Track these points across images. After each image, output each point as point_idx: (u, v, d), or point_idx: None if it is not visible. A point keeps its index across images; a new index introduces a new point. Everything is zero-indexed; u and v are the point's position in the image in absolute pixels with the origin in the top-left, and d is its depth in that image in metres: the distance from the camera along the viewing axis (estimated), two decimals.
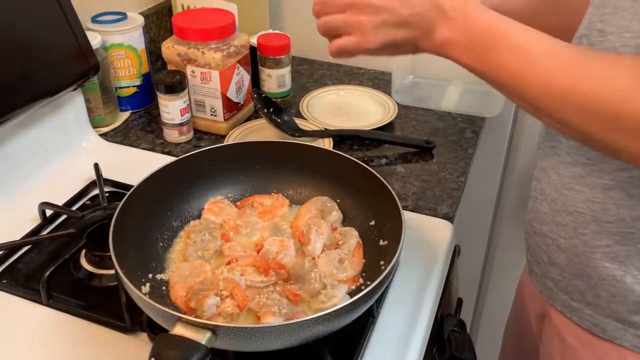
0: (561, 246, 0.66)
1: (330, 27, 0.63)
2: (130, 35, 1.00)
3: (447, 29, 0.58)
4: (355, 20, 0.60)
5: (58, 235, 0.75)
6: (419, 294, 0.71)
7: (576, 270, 0.65)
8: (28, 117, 0.83)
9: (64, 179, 0.87)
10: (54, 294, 0.67)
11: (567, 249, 0.65)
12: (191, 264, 0.67)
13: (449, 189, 0.89)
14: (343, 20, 0.61)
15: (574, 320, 0.68)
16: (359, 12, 0.60)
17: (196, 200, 0.76)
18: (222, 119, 0.99)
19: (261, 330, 0.52)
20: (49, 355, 0.62)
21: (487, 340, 1.55)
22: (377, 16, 0.59)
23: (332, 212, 0.74)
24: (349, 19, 0.61)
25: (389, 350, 0.63)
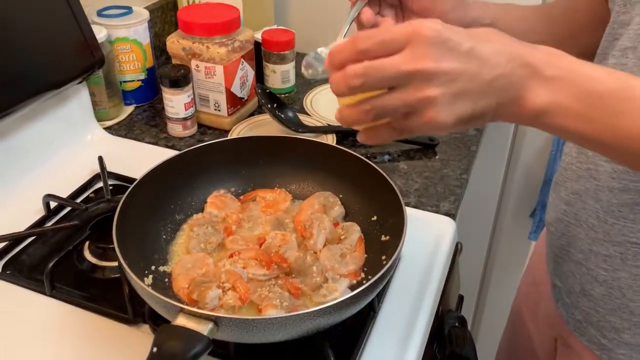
0: (599, 278, 0.62)
1: (384, 111, 0.45)
2: (135, 29, 1.00)
3: (545, 92, 0.44)
4: (422, 96, 0.44)
5: (62, 227, 0.76)
6: (420, 289, 0.71)
7: (615, 306, 0.61)
8: (33, 109, 0.84)
9: (68, 171, 0.88)
10: (58, 284, 0.68)
11: (607, 282, 0.61)
12: (194, 256, 0.67)
13: (451, 186, 0.89)
14: (401, 99, 0.44)
15: (603, 358, 0.65)
16: (424, 83, 0.43)
17: (199, 194, 0.77)
18: (226, 114, 0.99)
19: (263, 322, 0.52)
20: (52, 345, 0.63)
21: (488, 338, 1.55)
22: (451, 86, 0.43)
23: (334, 207, 0.75)
24: (411, 97, 0.44)
25: (390, 345, 0.64)
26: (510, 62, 0.44)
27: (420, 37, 0.43)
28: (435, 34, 0.43)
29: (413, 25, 0.43)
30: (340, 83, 0.45)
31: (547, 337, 0.79)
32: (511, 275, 1.50)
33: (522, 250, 1.45)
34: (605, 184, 0.59)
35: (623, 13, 0.59)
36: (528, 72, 0.44)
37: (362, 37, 0.44)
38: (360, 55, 0.44)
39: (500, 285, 1.53)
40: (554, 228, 0.70)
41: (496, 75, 0.44)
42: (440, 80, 0.43)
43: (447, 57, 0.43)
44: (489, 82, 0.44)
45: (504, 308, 1.51)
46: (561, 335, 0.74)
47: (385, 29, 0.44)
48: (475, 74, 0.44)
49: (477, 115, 0.45)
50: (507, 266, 1.49)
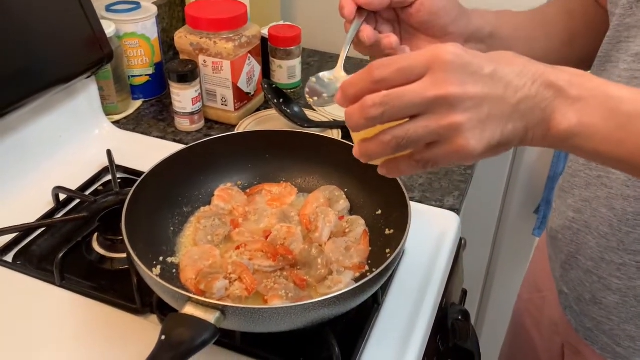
0: (612, 286, 0.61)
1: (407, 142, 0.42)
2: (143, 24, 1.01)
3: (573, 113, 0.42)
4: (448, 123, 0.41)
5: (71, 219, 0.77)
6: (423, 283, 0.72)
7: (631, 314, 0.60)
8: (42, 103, 0.85)
9: (77, 164, 0.89)
10: (67, 275, 0.69)
11: (622, 290, 0.60)
12: (201, 248, 0.68)
13: (456, 181, 0.89)
14: (426, 127, 0.42)
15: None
16: (449, 109, 0.41)
17: (206, 187, 0.77)
18: (232, 109, 1.00)
19: (269, 312, 0.53)
20: (62, 334, 0.64)
21: (491, 332, 1.56)
22: (478, 111, 0.41)
23: (339, 200, 0.75)
24: (436, 124, 0.41)
25: (393, 337, 0.65)
26: (534, 83, 0.42)
27: (441, 62, 0.41)
28: (456, 58, 0.41)
29: (432, 50, 0.41)
30: (357, 115, 0.42)
31: (553, 343, 0.78)
32: (515, 271, 1.50)
33: (526, 246, 1.45)
34: (618, 192, 0.58)
35: (629, 15, 0.58)
36: (553, 93, 0.43)
37: (378, 66, 0.42)
38: (377, 85, 0.42)
39: (504, 280, 1.54)
40: (561, 235, 0.69)
41: (522, 97, 0.42)
42: (466, 105, 0.41)
43: (471, 81, 0.41)
44: (515, 105, 0.42)
45: (508, 303, 1.51)
46: (569, 342, 0.73)
47: (402, 57, 0.42)
48: (500, 97, 0.42)
49: (506, 140, 0.43)
50: (511, 262, 1.50)
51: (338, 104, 0.45)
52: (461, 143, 0.42)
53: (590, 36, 0.67)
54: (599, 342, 0.66)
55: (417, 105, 0.41)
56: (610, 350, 0.64)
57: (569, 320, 0.71)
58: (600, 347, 0.66)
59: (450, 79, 0.41)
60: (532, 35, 0.68)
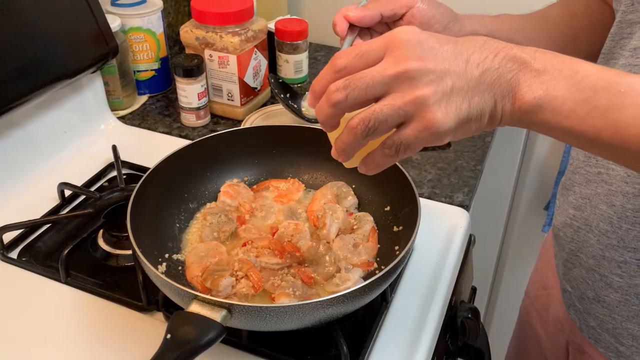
0: (613, 284, 0.61)
1: (375, 124, 0.42)
2: (149, 18, 1.00)
3: (539, 86, 0.42)
4: (412, 97, 0.41)
5: (76, 215, 0.76)
6: (432, 281, 0.71)
7: (633, 312, 0.60)
8: (48, 99, 0.84)
9: (83, 160, 0.88)
10: (72, 272, 0.69)
11: (623, 288, 0.60)
12: (207, 244, 0.67)
13: (465, 177, 0.88)
14: (391, 105, 0.41)
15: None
16: (412, 84, 0.40)
17: (213, 183, 0.77)
18: (239, 104, 0.99)
19: (276, 310, 0.52)
20: (67, 332, 0.63)
21: (500, 330, 1.55)
22: (440, 83, 0.41)
23: (347, 197, 0.74)
24: (401, 101, 0.41)
25: (402, 336, 0.64)
26: (496, 56, 0.42)
27: (398, 41, 0.41)
28: (412, 36, 0.41)
29: (388, 33, 0.42)
30: (324, 105, 0.42)
31: (558, 341, 0.78)
32: (524, 268, 1.49)
33: (535, 243, 1.44)
34: (618, 188, 0.58)
35: (631, 12, 0.58)
36: (518, 66, 0.42)
37: (339, 55, 0.43)
38: (340, 74, 0.42)
39: (514, 277, 1.52)
40: (562, 233, 0.68)
41: (484, 69, 0.42)
42: (428, 79, 0.41)
43: (430, 55, 0.41)
44: (479, 77, 0.42)
45: (517, 301, 1.50)
46: (574, 340, 0.73)
47: (361, 43, 0.43)
48: (462, 70, 0.42)
49: (475, 113, 0.43)
50: (520, 259, 1.49)
51: (309, 106, 0.45)
52: (429, 117, 0.41)
53: (595, 34, 0.67)
54: (603, 341, 0.65)
55: (379, 84, 0.41)
56: (613, 349, 0.64)
57: (573, 319, 0.70)
58: (604, 346, 0.65)
59: (408, 54, 0.41)
60: (532, 36, 0.68)
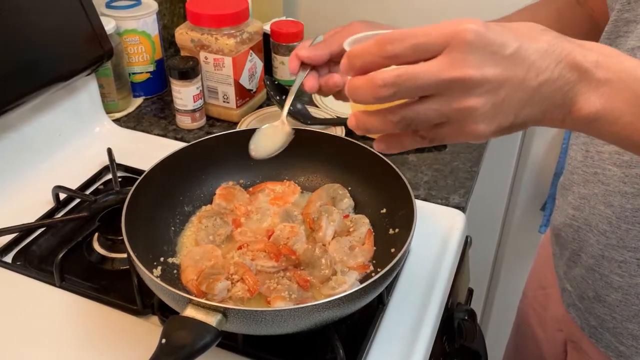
0: (614, 284, 0.61)
1: (416, 123, 0.41)
2: (144, 21, 1.00)
3: (597, 97, 0.40)
4: (462, 107, 0.39)
5: (71, 219, 0.76)
6: (429, 282, 0.71)
7: (633, 312, 0.60)
8: (42, 101, 0.84)
9: (78, 163, 0.88)
10: (67, 276, 0.68)
11: (623, 288, 0.60)
12: (202, 248, 0.67)
13: (461, 178, 0.88)
14: (437, 110, 0.40)
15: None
16: (465, 93, 0.39)
17: (208, 186, 0.76)
18: (234, 106, 0.99)
19: (272, 314, 0.52)
20: (61, 336, 0.63)
21: (497, 332, 1.55)
22: (494, 95, 0.39)
23: (343, 199, 0.74)
24: (449, 108, 0.39)
25: (399, 338, 0.63)
26: (558, 64, 0.39)
27: (461, 40, 0.38)
28: (477, 37, 0.38)
29: (451, 27, 0.38)
30: (364, 90, 0.40)
31: (556, 340, 0.78)
32: (521, 269, 1.49)
33: (532, 244, 1.44)
34: (616, 188, 0.58)
35: (627, 11, 0.57)
36: (578, 76, 0.40)
37: (390, 40, 0.39)
38: (389, 60, 0.39)
39: (510, 278, 1.52)
40: (564, 233, 0.68)
41: (543, 80, 0.39)
42: (482, 89, 0.38)
43: (490, 62, 0.38)
44: (536, 89, 0.40)
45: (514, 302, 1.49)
46: (572, 339, 0.73)
47: (418, 31, 0.39)
48: (521, 80, 0.39)
49: (519, 124, 0.41)
50: (517, 260, 1.49)
51: (342, 71, 0.42)
52: (471, 127, 0.40)
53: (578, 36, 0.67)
54: (603, 340, 0.65)
55: (432, 87, 0.39)
56: (613, 348, 0.64)
57: (573, 318, 0.70)
58: (605, 345, 0.65)
59: (468, 60, 0.38)
60: None
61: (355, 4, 1.27)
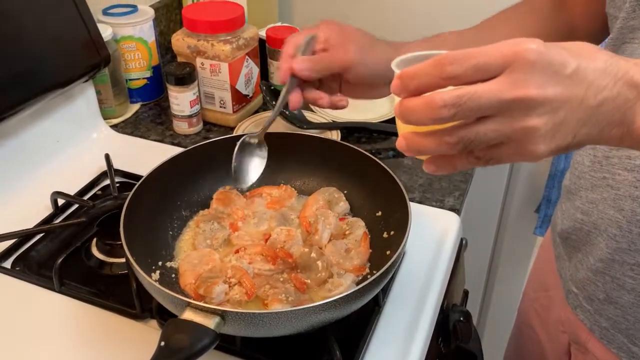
0: (626, 286, 0.61)
1: (474, 144, 0.40)
2: (140, 27, 1.01)
3: None
4: (522, 127, 0.39)
5: (70, 224, 0.77)
6: (425, 284, 0.71)
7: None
8: (40, 108, 0.85)
9: (76, 169, 0.88)
10: (66, 281, 0.69)
11: (636, 290, 0.60)
12: (200, 252, 0.68)
13: (456, 181, 0.89)
14: (497, 131, 0.39)
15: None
16: (525, 113, 0.38)
17: (205, 190, 0.77)
18: (231, 111, 0.99)
19: (269, 316, 0.52)
20: (61, 340, 0.63)
21: (493, 333, 1.56)
22: (555, 115, 0.39)
23: (339, 202, 0.75)
24: (509, 128, 0.39)
25: (395, 340, 0.64)
26: (617, 83, 0.40)
27: (523, 61, 0.38)
28: (539, 57, 0.38)
29: (512, 47, 0.38)
30: (420, 112, 0.39)
31: (559, 342, 0.78)
32: (516, 271, 1.50)
33: (527, 246, 1.45)
34: (626, 192, 0.58)
35: (632, 18, 0.58)
36: (636, 94, 0.40)
37: (451, 61, 0.38)
38: (448, 81, 0.39)
39: (506, 280, 1.53)
40: (574, 236, 0.68)
41: (603, 99, 0.39)
42: (544, 109, 0.38)
43: (552, 82, 0.38)
44: (595, 108, 0.39)
45: (509, 303, 1.50)
46: (577, 341, 0.73)
47: (478, 52, 0.38)
48: (581, 99, 0.39)
49: (576, 143, 0.41)
50: (512, 261, 1.50)
51: (393, 92, 0.41)
52: (531, 148, 0.40)
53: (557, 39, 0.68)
54: (616, 342, 0.65)
55: (493, 107, 0.38)
56: (626, 349, 0.64)
57: (581, 320, 0.70)
58: (617, 346, 0.65)
59: (530, 80, 0.38)
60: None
61: (350, 8, 1.28)
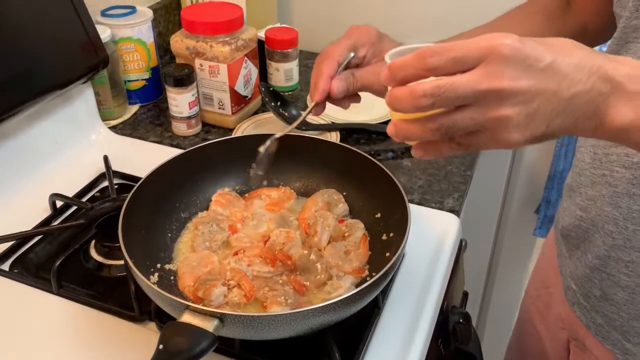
0: (621, 283, 0.62)
1: (452, 130, 0.44)
2: (139, 29, 1.01)
3: (628, 109, 0.42)
4: (496, 116, 0.42)
5: (68, 226, 0.76)
6: (424, 286, 0.71)
7: (639, 311, 0.61)
8: (38, 109, 0.84)
9: (74, 170, 0.88)
10: (64, 283, 0.69)
11: (630, 287, 0.61)
12: (199, 254, 0.67)
13: (455, 182, 0.89)
14: (473, 119, 0.42)
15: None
16: (499, 103, 0.41)
17: (204, 192, 0.77)
18: (229, 112, 0.99)
19: (268, 319, 0.52)
20: (59, 343, 0.63)
21: (493, 334, 1.56)
22: (527, 106, 0.42)
23: (338, 204, 0.75)
24: (484, 117, 0.42)
25: (394, 341, 0.64)
26: (590, 77, 0.42)
27: (497, 54, 0.40)
28: (513, 52, 0.40)
29: (488, 41, 0.41)
30: (405, 100, 0.43)
31: (559, 339, 0.79)
32: (516, 272, 1.50)
33: (527, 247, 1.45)
34: (624, 190, 0.58)
35: (635, 18, 0.58)
36: (610, 88, 0.42)
37: (431, 54, 0.42)
38: (429, 72, 0.42)
39: (505, 281, 1.53)
40: (574, 233, 0.69)
41: (576, 92, 0.42)
42: (516, 100, 0.41)
43: (525, 75, 0.41)
44: (568, 100, 0.42)
45: (509, 304, 1.51)
46: (576, 337, 0.74)
47: (456, 45, 0.42)
48: (554, 91, 0.41)
49: (551, 133, 0.43)
50: (512, 263, 1.49)
51: (383, 82, 0.45)
52: (504, 136, 0.43)
53: None
54: (610, 338, 0.66)
55: (468, 97, 0.42)
56: (620, 346, 0.65)
57: (578, 316, 0.71)
58: (611, 343, 0.66)
59: (504, 72, 0.40)
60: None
61: (349, 10, 1.28)
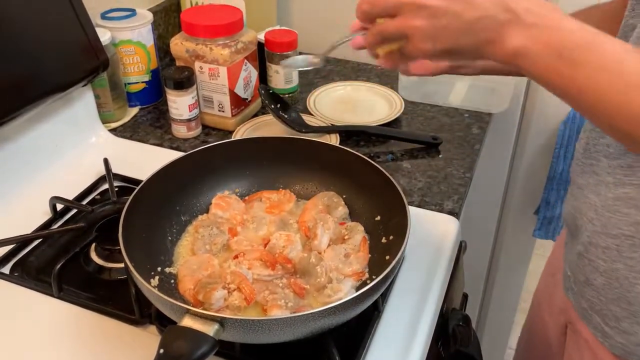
0: (599, 268, 0.64)
1: (384, 35, 0.55)
2: (139, 31, 1.01)
3: (521, 36, 0.49)
4: (409, 24, 0.52)
5: (68, 229, 0.77)
6: (424, 288, 0.71)
7: (615, 295, 0.63)
8: (39, 112, 0.84)
9: (74, 173, 0.88)
10: (65, 286, 0.69)
11: (607, 272, 0.63)
12: (199, 257, 0.68)
13: (455, 184, 0.89)
14: (394, 26, 0.53)
15: (605, 345, 0.66)
16: (413, 14, 0.51)
17: (204, 195, 0.77)
18: (229, 115, 0.99)
19: (268, 323, 0.52)
20: (60, 346, 0.63)
21: (493, 336, 1.56)
22: (435, 21, 0.51)
23: (338, 207, 0.75)
24: (402, 24, 0.53)
25: (394, 344, 0.64)
26: (494, 6, 0.50)
27: None
28: None
29: None
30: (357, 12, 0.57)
31: (559, 322, 0.81)
32: (516, 273, 1.50)
33: (526, 248, 1.45)
34: (603, 178, 0.61)
35: (632, 17, 0.60)
36: (509, 18, 0.49)
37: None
38: None
39: (505, 283, 1.53)
40: (569, 221, 0.72)
41: (478, 16, 0.50)
42: (426, 13, 0.51)
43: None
44: (471, 22, 0.50)
45: (509, 306, 1.51)
46: (571, 321, 0.76)
47: None
48: (459, 13, 0.50)
49: (458, 50, 0.52)
50: (511, 264, 1.50)
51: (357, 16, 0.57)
52: (419, 45, 0.53)
53: None
54: (592, 322, 0.68)
55: (392, 7, 0.53)
56: (600, 329, 0.67)
57: (571, 300, 0.73)
58: (593, 326, 0.68)
59: None
60: None
61: (348, 13, 1.28)
